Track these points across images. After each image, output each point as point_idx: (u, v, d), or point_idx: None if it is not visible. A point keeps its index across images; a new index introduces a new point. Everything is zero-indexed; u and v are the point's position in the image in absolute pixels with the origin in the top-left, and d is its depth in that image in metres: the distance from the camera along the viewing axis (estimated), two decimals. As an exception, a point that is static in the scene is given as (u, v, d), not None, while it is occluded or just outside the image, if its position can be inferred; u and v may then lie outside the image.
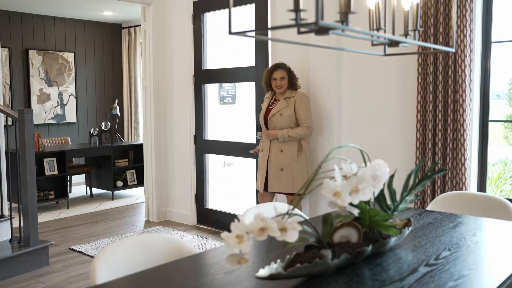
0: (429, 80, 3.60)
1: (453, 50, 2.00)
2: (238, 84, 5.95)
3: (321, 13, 1.27)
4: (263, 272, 1.58)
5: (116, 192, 7.39)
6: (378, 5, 1.83)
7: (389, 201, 2.02)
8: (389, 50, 3.22)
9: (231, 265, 1.53)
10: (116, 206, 6.70)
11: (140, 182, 7.40)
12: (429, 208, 2.89)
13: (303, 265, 1.61)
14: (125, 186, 7.33)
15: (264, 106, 4.30)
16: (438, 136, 3.59)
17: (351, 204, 1.66)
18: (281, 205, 2.60)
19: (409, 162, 3.87)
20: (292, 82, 4.17)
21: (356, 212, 1.63)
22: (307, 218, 1.75)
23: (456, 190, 3.54)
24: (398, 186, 1.98)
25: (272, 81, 4.16)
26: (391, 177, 1.96)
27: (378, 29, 1.80)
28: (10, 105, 7.42)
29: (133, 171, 7.46)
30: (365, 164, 2.04)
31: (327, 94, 4.32)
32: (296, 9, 1.40)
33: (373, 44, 1.98)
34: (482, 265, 1.85)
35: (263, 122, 4.25)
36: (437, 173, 1.92)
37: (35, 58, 7.69)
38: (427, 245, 2.04)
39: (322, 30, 1.47)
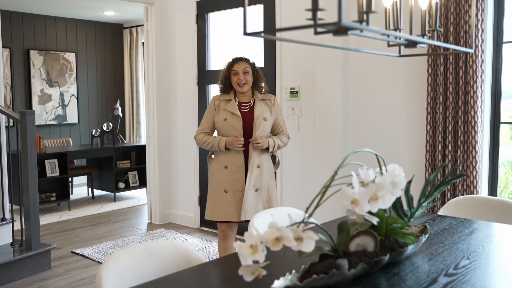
0: (439, 81, 3.53)
1: (471, 51, 1.92)
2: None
3: (343, 12, 1.20)
4: (279, 283, 1.51)
5: (118, 194, 7.32)
6: (395, 4, 1.76)
7: (405, 207, 1.95)
8: (403, 51, 3.15)
9: (245, 277, 1.47)
10: (118, 208, 6.63)
11: (142, 183, 7.33)
12: (440, 212, 2.82)
13: (319, 276, 1.54)
14: (127, 187, 7.26)
15: (232, 108, 3.41)
16: (449, 138, 3.51)
17: (369, 212, 1.59)
18: (295, 212, 2.52)
19: (419, 165, 3.79)
20: (257, 82, 3.49)
21: (375, 220, 1.56)
22: (322, 226, 1.69)
23: (466, 193, 3.47)
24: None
25: (232, 76, 3.43)
26: (409, 183, 1.89)
27: (396, 29, 1.73)
28: (11, 106, 7.35)
29: (135, 172, 7.39)
30: (380, 170, 1.97)
31: (334, 95, 4.25)
32: (315, 9, 1.33)
33: (389, 45, 1.91)
34: (504, 275, 1.78)
35: (241, 128, 3.40)
36: (456, 178, 1.85)
37: (36, 59, 7.62)
38: (444, 253, 1.97)
39: (341, 30, 1.40)
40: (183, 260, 1.96)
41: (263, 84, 3.53)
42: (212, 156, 3.58)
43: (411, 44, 1.81)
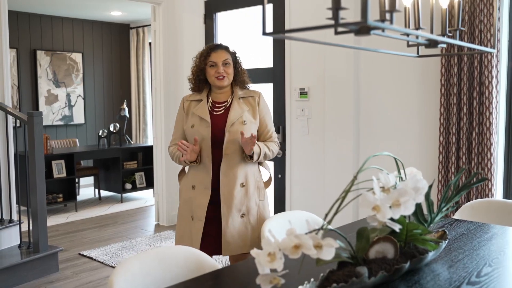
0: (453, 81, 3.46)
1: (494, 50, 1.86)
2: (251, 86, 5.82)
3: (367, 11, 1.14)
4: (297, 293, 1.46)
5: (124, 195, 7.28)
6: (416, 2, 1.70)
7: (424, 211, 1.89)
8: (421, 51, 3.09)
9: (263, 286, 1.41)
10: (125, 209, 6.59)
11: (149, 184, 7.29)
12: (456, 216, 2.75)
13: (339, 284, 1.48)
14: (134, 188, 7.22)
15: (201, 112, 2.69)
16: (463, 140, 3.45)
17: (391, 218, 1.54)
18: (308, 216, 2.47)
19: (432, 168, 3.73)
20: (238, 76, 2.78)
21: (397, 228, 1.50)
22: (340, 232, 1.63)
23: (481, 196, 3.40)
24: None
25: (209, 68, 2.70)
26: (429, 187, 1.83)
27: (417, 29, 1.67)
28: (18, 106, 7.33)
29: (142, 173, 7.35)
30: (399, 173, 1.92)
31: (344, 96, 4.18)
32: (337, 7, 1.27)
33: (409, 45, 1.85)
34: (528, 283, 1.72)
35: (209, 136, 2.66)
36: (479, 182, 1.79)
37: (43, 59, 7.59)
38: (465, 259, 1.91)
39: (364, 30, 1.34)
40: (196, 266, 1.91)
41: (246, 79, 2.81)
42: (186, 170, 2.89)
43: (432, 44, 1.75)
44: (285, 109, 4.55)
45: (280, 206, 4.68)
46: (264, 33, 1.35)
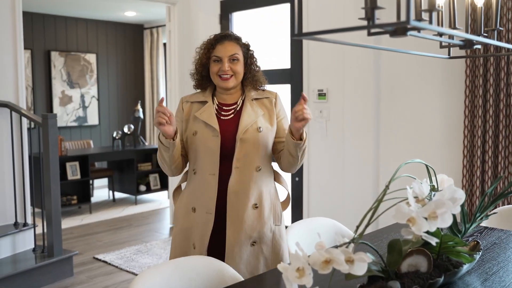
0: (478, 82, 3.35)
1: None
2: (267, 86, 5.73)
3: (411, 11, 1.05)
4: (328, 311, 1.37)
5: (139, 197, 7.23)
6: (451, 1, 1.60)
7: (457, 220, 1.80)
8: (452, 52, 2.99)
9: (291, 303, 1.33)
10: (139, 212, 6.53)
11: (163, 186, 7.24)
12: (484, 224, 2.65)
13: (371, 301, 1.40)
14: (148, 190, 7.17)
15: (206, 116, 2.18)
16: (488, 143, 3.33)
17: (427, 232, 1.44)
18: (336, 225, 2.38)
19: (455, 172, 3.61)
20: (250, 74, 2.26)
21: (434, 241, 1.41)
22: (370, 244, 1.54)
23: (508, 203, 3.28)
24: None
25: (212, 63, 2.21)
26: (464, 196, 1.73)
27: (453, 29, 1.57)
28: (32, 107, 7.31)
29: (156, 175, 7.29)
30: (430, 181, 1.82)
31: (364, 97, 4.08)
32: (373, 7, 1.18)
33: (441, 46, 1.76)
34: None
35: (218, 147, 2.16)
36: (517, 192, 1.69)
37: (57, 60, 7.57)
38: (500, 272, 1.81)
39: (400, 31, 1.25)
40: (217, 278, 1.83)
41: (260, 78, 2.30)
42: (183, 187, 2.37)
43: (467, 44, 1.66)
44: (302, 111, 4.45)
45: (297, 210, 4.58)
46: (294, 35, 1.27)
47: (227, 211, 2.15)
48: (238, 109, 2.24)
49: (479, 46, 1.70)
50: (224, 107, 2.24)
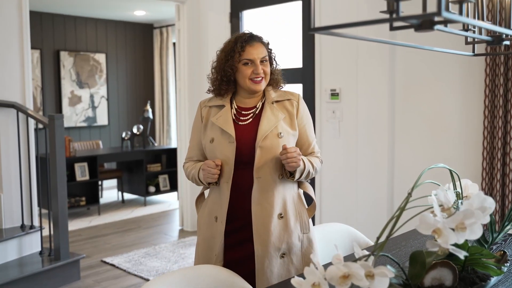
0: (498, 82, 3.22)
1: None
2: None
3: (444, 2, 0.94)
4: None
5: (148, 198, 7.15)
6: (479, -6, 1.48)
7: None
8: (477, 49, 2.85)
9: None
10: (148, 213, 6.45)
11: (173, 187, 7.16)
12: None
13: (393, 319, 1.28)
14: (158, 191, 7.09)
15: (222, 122, 2.09)
16: (510, 145, 3.19)
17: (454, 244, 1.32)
18: (350, 232, 2.27)
19: (474, 174, 3.47)
20: (273, 74, 2.19)
21: (462, 255, 1.29)
22: (391, 256, 1.43)
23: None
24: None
25: (242, 67, 2.09)
26: (492, 204, 1.61)
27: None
28: (41, 107, 7.26)
29: (166, 176, 7.21)
30: (455, 188, 1.70)
31: (378, 97, 3.96)
32: (397, -2, 1.07)
33: (467, 42, 1.64)
34: None
35: (233, 154, 2.05)
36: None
37: (66, 60, 7.51)
38: (529, 284, 1.69)
39: (426, 24, 1.14)
40: (226, 289, 1.73)
41: (279, 78, 2.22)
42: (205, 195, 2.28)
43: (496, 41, 1.54)
44: (314, 111, 4.34)
45: (309, 212, 4.46)
46: (309, 30, 1.16)
47: (252, 223, 2.04)
48: (257, 112, 2.14)
49: (507, 42, 1.59)
50: (243, 111, 2.15)
